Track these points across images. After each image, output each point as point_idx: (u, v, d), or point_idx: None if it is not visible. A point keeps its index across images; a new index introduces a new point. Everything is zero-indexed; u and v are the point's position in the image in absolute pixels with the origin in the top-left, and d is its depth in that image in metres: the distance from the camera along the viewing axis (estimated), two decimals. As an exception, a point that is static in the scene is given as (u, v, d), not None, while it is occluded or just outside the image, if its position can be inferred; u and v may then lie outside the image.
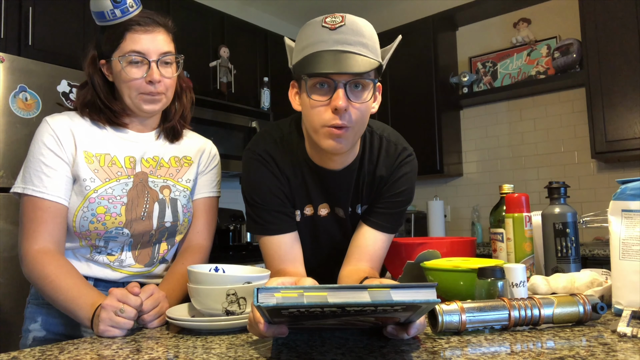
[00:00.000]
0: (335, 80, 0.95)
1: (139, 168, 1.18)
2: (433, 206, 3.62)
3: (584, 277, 1.01)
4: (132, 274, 1.17)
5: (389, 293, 0.61)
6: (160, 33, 1.13)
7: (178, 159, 1.25)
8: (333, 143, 0.99)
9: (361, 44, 0.96)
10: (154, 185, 1.18)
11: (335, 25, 0.96)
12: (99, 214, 1.09)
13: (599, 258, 2.49)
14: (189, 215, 1.23)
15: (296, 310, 0.62)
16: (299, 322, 0.71)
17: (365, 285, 0.63)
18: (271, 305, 0.60)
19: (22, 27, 2.44)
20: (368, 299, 0.61)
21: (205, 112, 3.13)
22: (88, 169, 1.11)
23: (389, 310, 0.63)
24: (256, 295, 0.60)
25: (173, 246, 1.24)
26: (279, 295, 0.61)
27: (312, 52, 0.96)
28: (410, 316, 0.70)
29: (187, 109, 1.27)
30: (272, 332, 0.70)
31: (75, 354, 0.76)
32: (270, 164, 1.11)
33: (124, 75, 1.10)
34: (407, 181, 1.16)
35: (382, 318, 0.70)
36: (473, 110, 3.82)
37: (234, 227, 3.46)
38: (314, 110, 0.99)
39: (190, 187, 1.24)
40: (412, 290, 0.62)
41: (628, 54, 2.80)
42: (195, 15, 3.28)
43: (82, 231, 1.11)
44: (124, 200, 1.12)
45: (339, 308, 0.61)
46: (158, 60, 1.11)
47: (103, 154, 1.15)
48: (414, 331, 0.74)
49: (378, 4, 4.16)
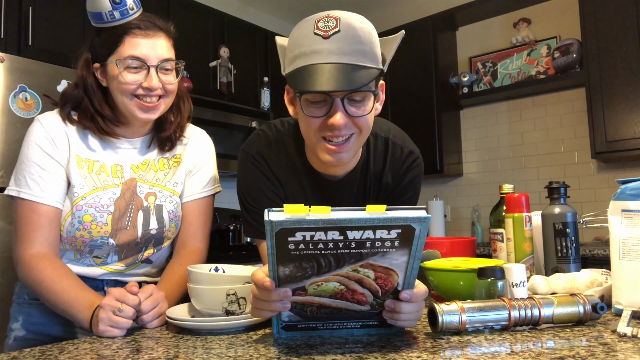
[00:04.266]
0: (332, 95, 0.88)
1: (128, 175, 1.14)
2: (433, 206, 3.62)
3: (584, 277, 1.01)
4: (111, 270, 1.15)
5: (384, 212, 0.69)
6: (160, 38, 1.08)
7: (167, 159, 1.20)
8: (332, 158, 0.95)
9: (359, 52, 0.87)
10: (140, 192, 1.14)
11: (329, 33, 0.87)
12: (85, 222, 1.08)
13: (599, 258, 2.49)
14: (176, 220, 1.19)
15: (301, 241, 0.67)
16: (303, 274, 0.73)
17: (363, 207, 0.69)
18: (281, 220, 0.65)
19: (22, 27, 2.44)
20: (366, 217, 0.67)
21: (205, 112, 3.13)
22: (78, 174, 1.09)
23: (386, 244, 0.69)
24: (267, 215, 0.67)
25: (160, 251, 1.21)
26: (288, 212, 0.67)
27: (305, 65, 0.88)
28: (405, 276, 0.75)
29: (184, 119, 1.21)
30: (278, 295, 0.73)
31: (75, 354, 0.76)
32: (262, 166, 1.06)
33: (120, 79, 1.04)
34: (414, 187, 1.13)
35: (382, 275, 0.74)
36: (473, 110, 3.82)
37: (234, 227, 3.45)
38: (310, 123, 0.93)
39: (178, 192, 1.20)
40: (405, 210, 0.69)
41: (628, 54, 2.80)
42: (195, 15, 3.28)
43: (69, 237, 1.09)
44: (110, 209, 1.10)
45: (340, 233, 0.67)
46: (158, 66, 1.06)
47: (92, 160, 1.11)
48: (405, 295, 0.76)
49: (378, 4, 4.16)
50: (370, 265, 0.73)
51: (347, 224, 0.66)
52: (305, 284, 0.74)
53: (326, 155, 0.95)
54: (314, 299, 0.76)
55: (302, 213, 0.67)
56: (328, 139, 0.94)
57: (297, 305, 0.78)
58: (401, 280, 0.75)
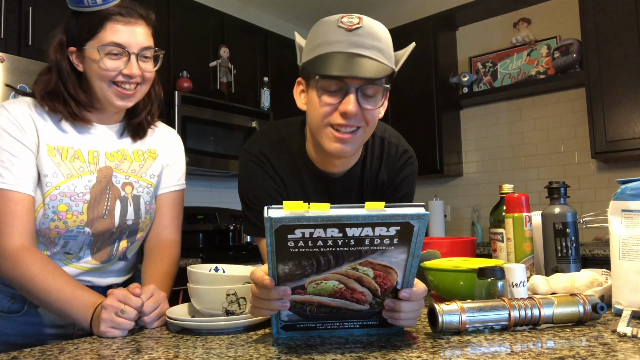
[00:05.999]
0: (348, 83, 0.93)
1: (102, 162, 1.12)
2: (433, 206, 3.62)
3: (584, 277, 1.01)
4: (85, 269, 1.13)
5: (383, 209, 0.69)
6: (140, 26, 1.08)
7: (142, 152, 1.20)
8: (339, 146, 0.98)
9: (377, 49, 0.94)
10: (117, 181, 1.13)
11: (352, 27, 0.93)
12: (60, 212, 1.05)
13: (599, 258, 2.49)
14: (151, 212, 1.19)
15: (301, 238, 0.68)
16: (302, 272, 0.73)
17: (362, 204, 0.69)
18: (281, 217, 0.65)
19: (22, 27, 2.44)
20: (365, 214, 0.67)
21: (205, 112, 3.13)
22: (51, 162, 1.06)
23: (385, 241, 0.70)
24: (267, 212, 0.67)
25: (133, 243, 1.20)
26: (287, 209, 0.67)
27: (326, 52, 0.93)
28: (404, 274, 0.75)
29: (154, 105, 1.21)
30: (278, 293, 0.73)
31: (75, 354, 0.76)
32: (265, 165, 1.09)
33: (101, 65, 1.03)
34: (409, 184, 1.15)
35: (381, 273, 0.74)
36: (473, 110, 3.82)
37: (234, 227, 3.45)
38: (322, 109, 0.96)
39: (154, 184, 1.20)
40: (404, 207, 0.70)
41: (628, 54, 2.80)
42: (195, 15, 3.28)
43: (42, 229, 1.06)
44: (86, 197, 1.08)
45: (339, 230, 0.68)
46: (138, 53, 1.06)
47: (66, 147, 1.08)
48: (405, 294, 0.76)
49: (378, 4, 4.16)
50: (370, 264, 0.73)
51: (346, 220, 0.67)
52: (305, 282, 0.74)
53: (332, 143, 0.98)
54: (313, 297, 0.76)
55: (302, 210, 0.67)
56: (336, 128, 0.97)
57: (296, 305, 0.78)
58: (400, 278, 0.75)
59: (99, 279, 1.17)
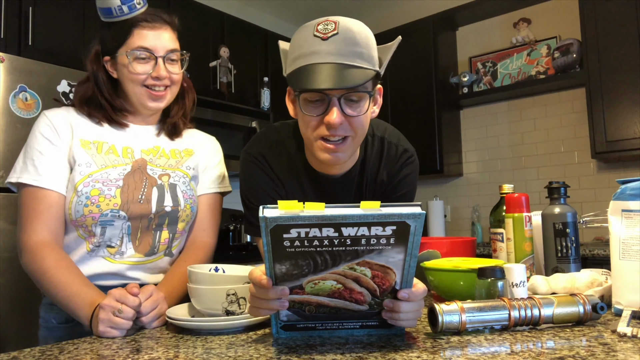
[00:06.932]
0: (329, 94, 0.92)
1: (138, 156, 1.17)
2: (433, 206, 3.62)
3: (584, 277, 1.01)
4: (132, 263, 1.13)
5: (379, 209, 0.68)
6: (166, 30, 1.14)
7: (179, 150, 1.24)
8: (329, 156, 0.98)
9: (355, 54, 0.91)
10: (153, 172, 1.16)
11: (327, 35, 0.91)
12: (92, 196, 1.07)
13: (599, 258, 2.49)
14: (191, 202, 1.19)
15: (296, 238, 0.68)
16: (299, 272, 0.73)
17: (358, 204, 0.69)
18: (275, 216, 0.66)
19: (22, 27, 2.44)
20: (360, 213, 0.67)
21: (205, 112, 3.13)
22: (85, 154, 1.10)
23: (382, 241, 0.69)
24: (262, 211, 0.67)
25: (175, 235, 1.19)
26: (282, 209, 0.67)
27: (304, 65, 0.92)
28: (403, 274, 0.75)
29: (188, 108, 1.28)
30: (275, 293, 0.73)
31: (75, 354, 0.76)
32: (264, 166, 1.10)
33: (130, 69, 1.10)
34: (409, 183, 1.15)
35: (379, 273, 0.74)
36: (473, 110, 3.82)
37: (234, 227, 3.45)
38: (308, 124, 0.97)
39: (190, 175, 1.22)
40: (399, 206, 0.69)
41: (628, 54, 2.80)
42: (195, 15, 3.28)
43: (77, 217, 1.08)
44: (119, 183, 1.10)
45: (335, 230, 0.68)
46: (165, 56, 1.12)
47: (101, 141, 1.14)
48: (404, 294, 0.76)
49: (378, 4, 4.16)
50: (367, 263, 0.73)
51: (342, 220, 0.67)
52: (302, 282, 0.74)
53: (323, 153, 0.98)
54: (311, 297, 0.76)
55: (297, 209, 0.67)
56: (325, 138, 0.97)
57: (295, 304, 0.78)
58: (399, 278, 0.75)
59: (147, 274, 1.15)
